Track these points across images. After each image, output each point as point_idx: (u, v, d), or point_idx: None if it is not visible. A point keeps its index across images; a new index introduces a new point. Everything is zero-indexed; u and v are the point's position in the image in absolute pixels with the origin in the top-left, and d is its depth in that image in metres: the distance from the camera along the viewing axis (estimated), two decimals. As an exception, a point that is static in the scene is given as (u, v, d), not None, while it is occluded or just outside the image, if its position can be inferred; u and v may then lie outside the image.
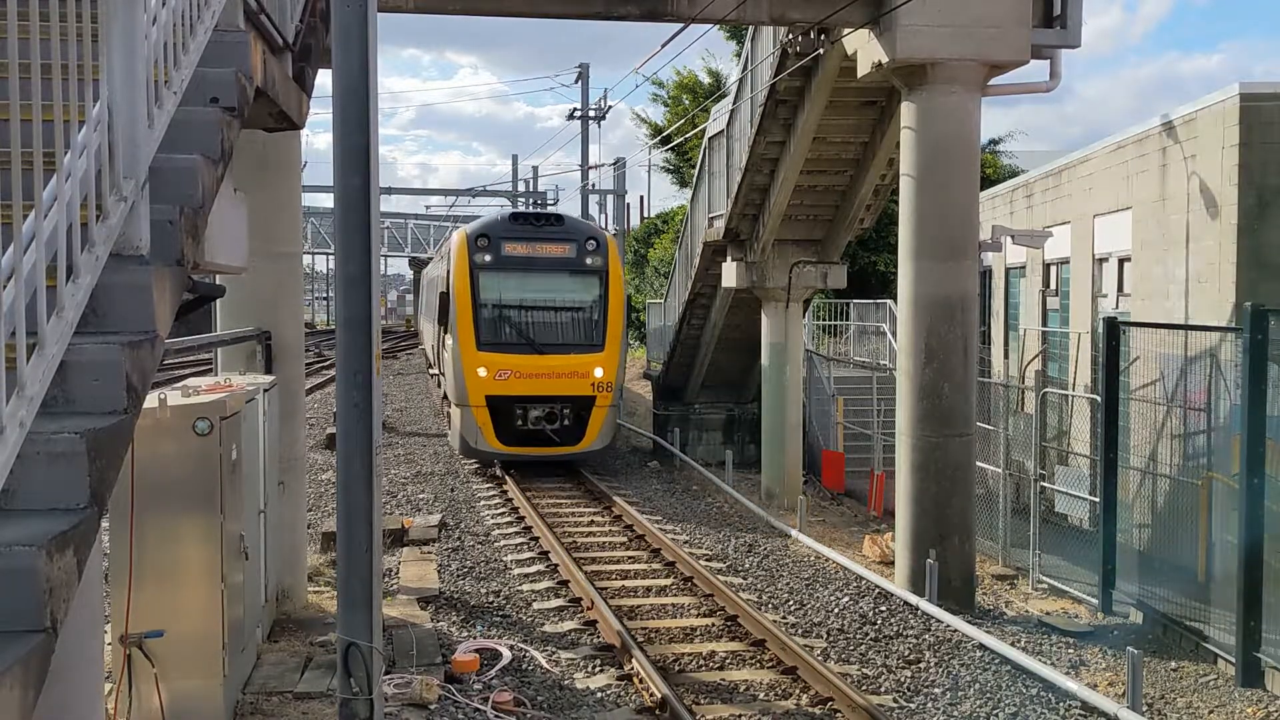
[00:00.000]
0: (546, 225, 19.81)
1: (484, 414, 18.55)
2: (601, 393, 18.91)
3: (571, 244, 19.50)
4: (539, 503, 16.62)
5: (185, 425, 7.27)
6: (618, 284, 19.64)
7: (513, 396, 18.59)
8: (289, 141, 10.27)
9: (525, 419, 18.63)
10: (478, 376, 18.54)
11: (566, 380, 18.73)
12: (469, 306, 18.83)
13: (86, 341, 3.50)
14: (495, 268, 19.05)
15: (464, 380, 18.66)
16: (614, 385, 19.02)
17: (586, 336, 19.29)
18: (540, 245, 19.34)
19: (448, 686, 8.62)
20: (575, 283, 19.52)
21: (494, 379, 18.52)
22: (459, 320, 18.84)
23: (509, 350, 18.79)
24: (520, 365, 18.65)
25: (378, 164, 6.07)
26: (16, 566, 2.79)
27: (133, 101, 3.95)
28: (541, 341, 19.03)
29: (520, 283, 19.31)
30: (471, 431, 18.72)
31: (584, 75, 37.66)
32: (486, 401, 18.53)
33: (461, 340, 18.73)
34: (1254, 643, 9.16)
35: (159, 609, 7.20)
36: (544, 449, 18.83)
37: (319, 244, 64.63)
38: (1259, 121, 12.12)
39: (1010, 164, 37.42)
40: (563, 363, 18.85)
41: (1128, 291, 15.12)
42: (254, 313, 10.35)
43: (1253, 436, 9.31)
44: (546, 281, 19.44)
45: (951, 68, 11.74)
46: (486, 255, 19.03)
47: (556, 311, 19.54)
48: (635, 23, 12.58)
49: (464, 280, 18.91)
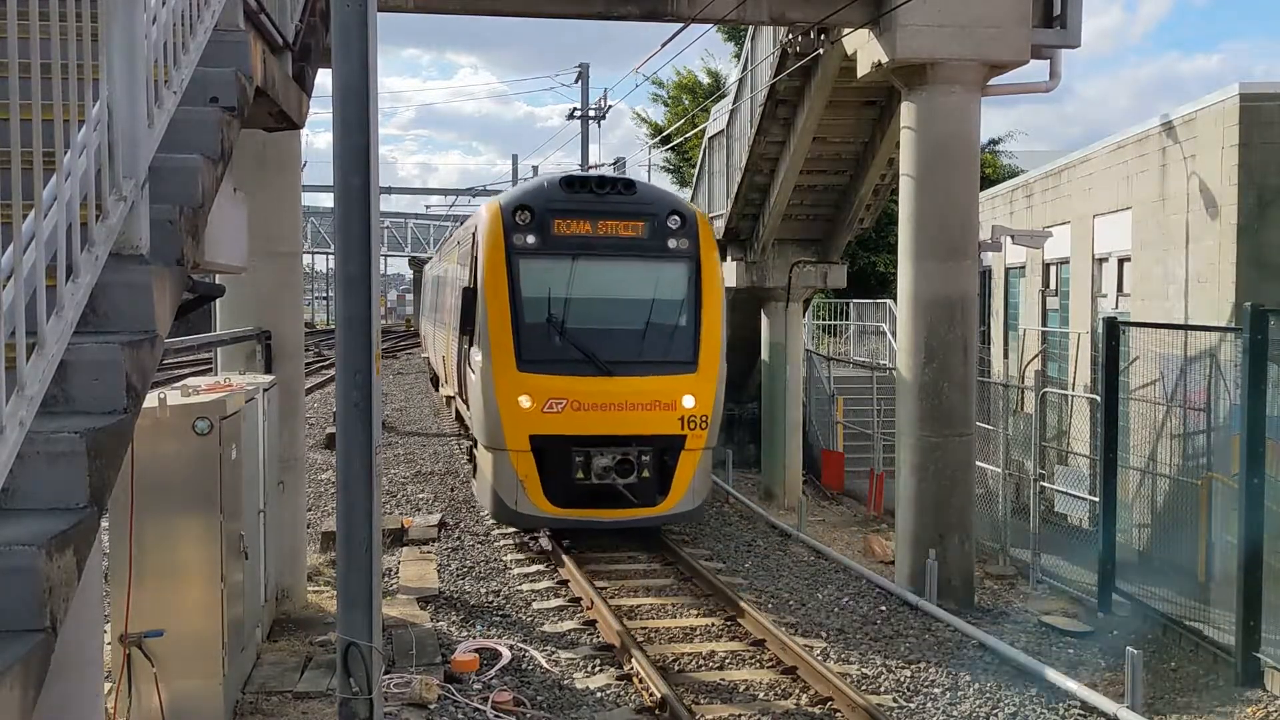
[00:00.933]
0: (612, 194, 13.80)
1: (527, 462, 12.92)
2: (694, 430, 13.21)
3: (648, 220, 13.78)
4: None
5: (185, 425, 7.27)
6: (713, 275, 13.84)
7: (569, 437, 12.90)
8: (289, 141, 10.27)
9: (587, 469, 12.92)
10: (518, 409, 12.85)
11: (645, 414, 13.05)
12: (505, 308, 13.09)
13: (86, 341, 3.50)
14: (543, 252, 13.40)
15: (498, 413, 12.95)
16: (710, 420, 13.31)
17: (673, 350, 13.44)
18: (605, 222, 13.68)
19: (447, 686, 8.62)
20: (655, 273, 13.79)
21: (542, 412, 12.84)
22: (492, 327, 13.10)
23: (563, 370, 12.98)
24: (580, 392, 12.93)
25: (378, 164, 6.07)
26: (16, 566, 2.79)
27: (133, 101, 3.95)
28: (609, 358, 13.10)
29: (578, 274, 13.54)
30: (509, 487, 13.04)
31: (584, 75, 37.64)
32: (531, 444, 12.89)
33: (495, 356, 13.01)
34: (1253, 643, 9.16)
35: (159, 608, 7.20)
36: (612, 511, 13.08)
37: (319, 244, 64.64)
38: (1259, 121, 12.12)
39: (1010, 164, 37.45)
40: (640, 388, 13.07)
41: (1127, 291, 15.13)
42: (254, 312, 10.35)
43: (1253, 436, 9.31)
44: (615, 272, 13.78)
45: (951, 68, 11.74)
46: (530, 236, 13.38)
47: (630, 315, 13.60)
48: (635, 23, 12.59)
49: (498, 271, 13.22)
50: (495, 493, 13.29)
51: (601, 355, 13.08)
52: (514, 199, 13.98)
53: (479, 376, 13.36)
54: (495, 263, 13.30)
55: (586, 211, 13.68)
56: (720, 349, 13.63)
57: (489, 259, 13.36)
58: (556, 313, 13.31)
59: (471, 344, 13.95)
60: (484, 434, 13.50)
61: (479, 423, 13.71)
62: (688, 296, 13.69)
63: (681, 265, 13.80)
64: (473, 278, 14.00)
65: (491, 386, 13.04)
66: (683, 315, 13.70)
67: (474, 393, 13.86)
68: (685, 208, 14.35)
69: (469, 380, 14.42)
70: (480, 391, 13.32)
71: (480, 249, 13.65)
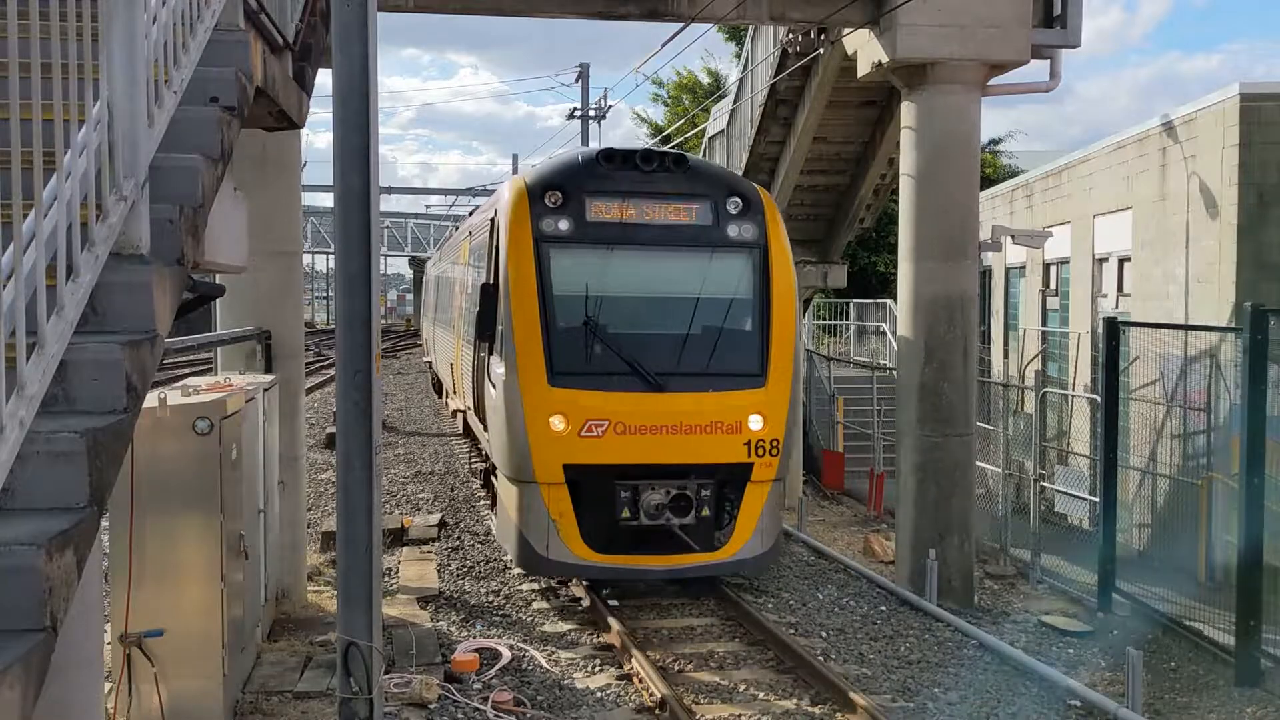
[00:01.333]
0: (660, 171, 11.47)
1: (561, 497, 10.66)
2: (762, 458, 10.96)
3: (704, 202, 11.55)
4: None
5: (185, 425, 7.27)
6: (784, 269, 11.48)
7: (612, 467, 10.64)
8: (289, 141, 10.28)
9: (635, 507, 10.71)
10: (551, 432, 10.61)
11: (704, 439, 10.80)
12: (533, 309, 10.80)
13: (86, 341, 3.51)
14: (578, 241, 11.20)
15: (525, 438, 10.66)
16: (781, 445, 11.06)
17: (736, 360, 11.18)
18: (652, 204, 11.45)
19: (447, 686, 8.62)
20: (714, 267, 11.44)
21: (578, 436, 10.61)
22: (518, 333, 10.76)
23: (605, 385, 10.80)
24: (625, 412, 10.71)
25: (378, 163, 6.07)
26: (17, 565, 2.79)
27: (133, 101, 3.95)
28: (660, 370, 10.84)
29: (621, 267, 11.38)
30: (539, 528, 10.72)
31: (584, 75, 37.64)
32: (566, 476, 10.65)
33: (522, 368, 10.71)
34: (1253, 643, 9.16)
35: (159, 608, 7.20)
36: (665, 559, 10.81)
37: (319, 244, 64.71)
38: (1259, 121, 12.13)
39: (1010, 164, 37.47)
40: (697, 407, 10.83)
41: (1128, 291, 15.13)
42: (254, 312, 10.35)
43: (1253, 436, 9.31)
44: (665, 265, 11.55)
45: (951, 68, 11.75)
46: (562, 221, 11.16)
47: (684, 317, 11.30)
48: (635, 22, 12.59)
49: (524, 264, 10.94)
50: (521, 535, 10.85)
51: (651, 367, 10.82)
52: (543, 177, 11.53)
53: (501, 392, 10.99)
54: (521, 254, 10.94)
55: (630, 192, 11.34)
56: (794, 358, 11.41)
57: (513, 249, 10.98)
58: (596, 314, 11.01)
59: (491, 352, 11.61)
60: (507, 462, 11.06)
61: (501, 448, 11.22)
62: (754, 294, 11.34)
63: (745, 256, 11.44)
64: (492, 272, 11.66)
65: (518, 405, 10.69)
66: (748, 317, 11.34)
67: (495, 411, 11.40)
68: (748, 188, 11.86)
69: (488, 396, 11.81)
70: (503, 410, 10.95)
71: (502, 237, 11.25)
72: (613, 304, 11.16)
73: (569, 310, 11.03)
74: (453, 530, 14.45)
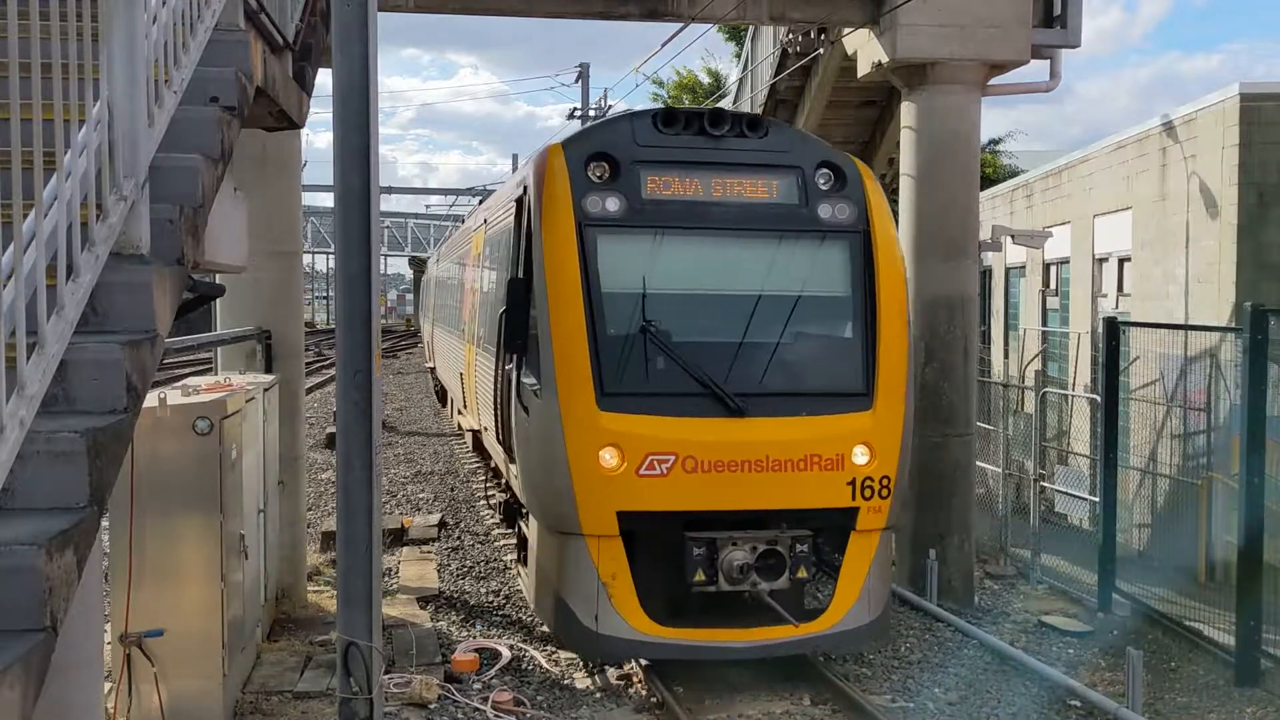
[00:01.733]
0: (733, 136, 9.28)
1: (615, 555, 8.42)
2: (870, 500, 8.72)
3: (789, 175, 9.32)
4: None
5: (185, 425, 7.27)
6: (892, 259, 9.29)
7: (681, 514, 8.45)
8: (289, 141, 10.28)
9: (711, 567, 8.38)
10: (601, 470, 8.35)
11: (797, 477, 8.55)
12: (577, 311, 8.58)
13: (87, 340, 3.51)
14: (631, 224, 8.96)
15: (568, 477, 8.43)
16: (893, 484, 8.81)
17: (836, 375, 9.09)
18: (724, 179, 9.18)
19: (447, 686, 8.62)
20: (804, 257, 9.30)
21: (637, 475, 8.37)
22: (558, 341, 8.57)
23: (669, 408, 8.57)
24: (697, 443, 8.45)
25: (378, 163, 6.08)
26: (17, 565, 2.79)
27: (133, 100, 3.95)
28: (740, 388, 8.66)
29: (688, 258, 9.25)
30: (584, 594, 8.47)
31: (584, 75, 37.65)
32: (621, 526, 8.41)
33: (564, 386, 8.50)
34: (1253, 643, 9.16)
35: (159, 608, 7.20)
36: (749, 632, 8.60)
37: (319, 243, 64.76)
38: (1259, 121, 12.12)
39: (1010, 164, 37.42)
40: (788, 436, 8.61)
41: (1128, 291, 15.13)
42: (254, 312, 10.35)
43: (1253, 436, 9.31)
44: (743, 255, 9.31)
45: (951, 68, 11.74)
46: (610, 199, 8.89)
47: (768, 322, 9.08)
48: (635, 22, 12.59)
49: (564, 254, 8.71)
50: (562, 603, 8.55)
51: (729, 385, 8.54)
52: (585, 144, 9.22)
53: (535, 416, 8.69)
54: (561, 241, 8.66)
55: (696, 163, 9.12)
56: (907, 372, 9.11)
57: (551, 235, 8.69)
58: (657, 317, 8.71)
59: (522, 365, 9.07)
60: (544, 507, 8.83)
61: (535, 489, 8.92)
62: (855, 291, 9.13)
63: (843, 243, 9.22)
64: (521, 264, 9.27)
65: (557, 434, 8.35)
66: (849, 320, 9.15)
67: (526, 441, 9.01)
68: (842, 158, 9.64)
69: (516, 419, 9.27)
70: (538, 440, 8.69)
71: (535, 221, 8.87)
72: (678, 304, 8.96)
73: (622, 312, 8.70)
74: (453, 530, 14.45)
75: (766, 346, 9.00)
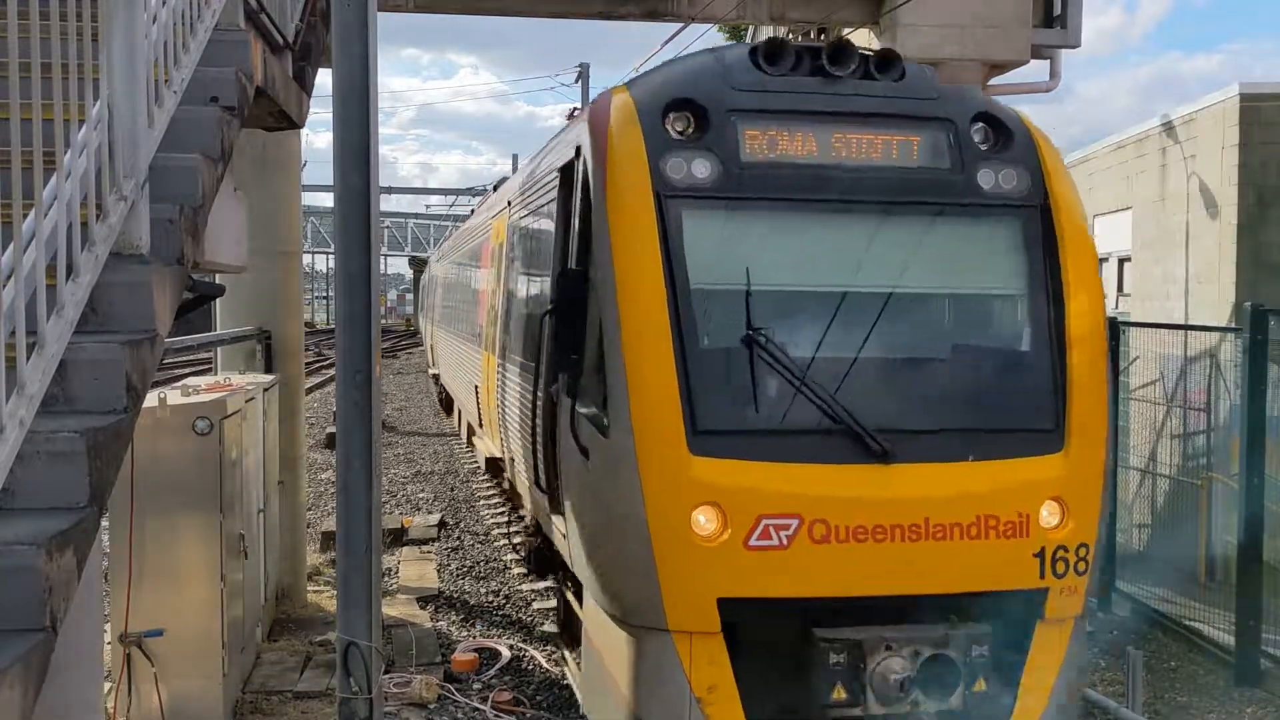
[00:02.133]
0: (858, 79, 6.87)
1: (714, 658, 5.97)
2: (1064, 578, 6.28)
3: (936, 130, 6.90)
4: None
5: (185, 424, 7.27)
6: (1082, 245, 6.86)
7: (806, 603, 6.06)
8: (289, 140, 10.28)
9: (854, 679, 5.93)
10: (693, 535, 5.91)
11: (967, 549, 6.11)
12: (659, 316, 6.13)
13: (86, 340, 3.51)
14: (729, 197, 6.54)
15: (648, 549, 5.95)
16: (1091, 553, 6.36)
17: (1012, 405, 6.60)
18: (849, 133, 6.75)
19: (447, 686, 8.62)
20: (962, 243, 6.95)
21: (745, 546, 5.92)
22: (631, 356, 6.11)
23: (789, 452, 6.11)
24: (827, 498, 6.03)
25: (378, 163, 6.07)
26: (17, 565, 2.79)
27: (133, 100, 3.95)
28: (884, 423, 6.19)
29: (805, 244, 6.78)
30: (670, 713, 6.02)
31: (584, 75, 37.66)
32: (724, 617, 5.95)
33: (640, 418, 6.02)
34: (1253, 642, 9.16)
35: (158, 608, 7.20)
36: None
37: (319, 243, 64.80)
38: (1259, 121, 12.13)
39: (1010, 164, 37.38)
40: (948, 488, 6.17)
41: (1128, 291, 15.13)
42: (254, 312, 10.35)
43: (1252, 436, 9.31)
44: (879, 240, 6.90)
45: (952, 67, 11.74)
46: (699, 162, 6.45)
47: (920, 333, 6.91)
48: (635, 22, 12.60)
49: (639, 236, 6.29)
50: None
51: (868, 417, 6.16)
52: (662, 88, 6.74)
53: (599, 461, 6.31)
54: (635, 219, 6.30)
55: (813, 115, 6.68)
56: (1105, 398, 6.77)
57: (622, 211, 6.35)
58: (769, 324, 6.32)
59: (576, 387, 6.67)
60: (609, 589, 6.47)
61: (596, 561, 6.56)
62: (1034, 288, 6.74)
63: (1015, 224, 6.81)
64: (574, 252, 6.95)
65: (632, 486, 5.99)
66: (1027, 329, 6.77)
67: (583, 493, 6.70)
68: (1004, 110, 7.18)
69: (567, 462, 6.93)
70: (602, 494, 6.38)
71: (596, 192, 6.55)
72: (796, 305, 6.59)
73: (722, 316, 6.36)
74: (453, 530, 14.45)
75: (918, 365, 6.67)
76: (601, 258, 6.43)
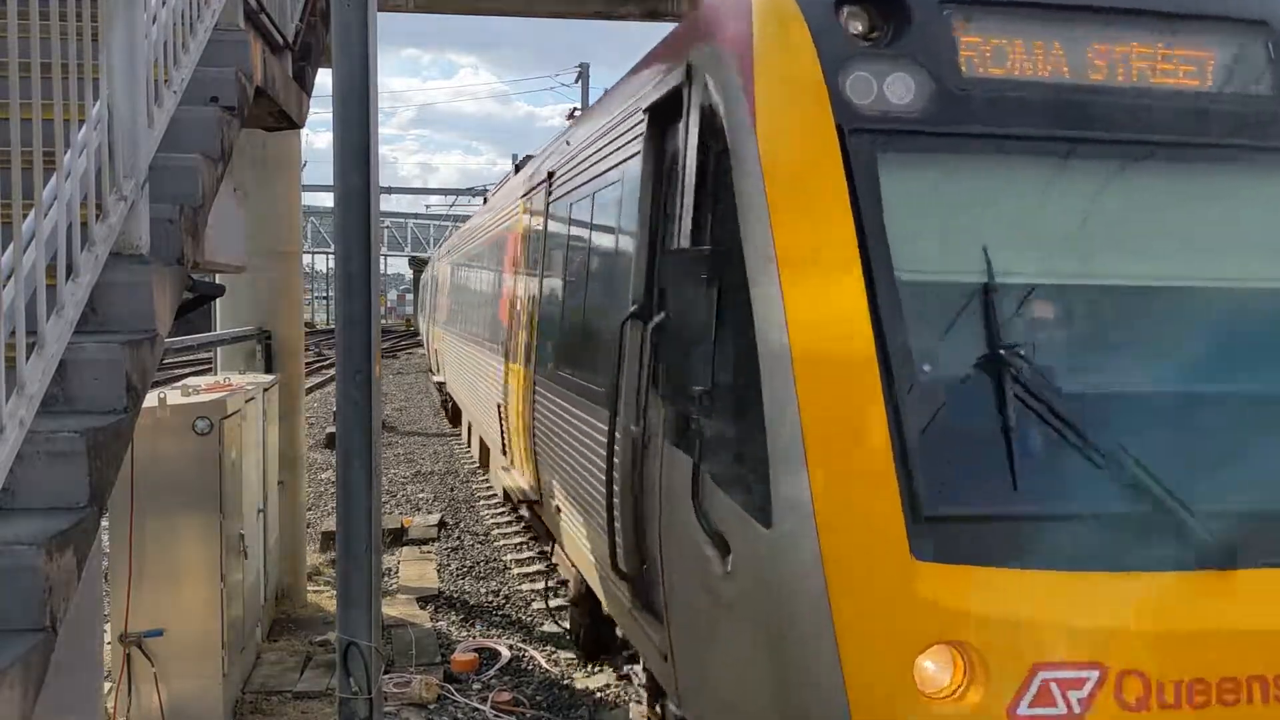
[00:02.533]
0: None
1: None
2: None
3: (1247, 38, 4.46)
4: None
5: (185, 425, 7.27)
6: None
7: None
8: (289, 141, 10.28)
9: None
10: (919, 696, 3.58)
11: None
12: (856, 334, 3.80)
13: (86, 340, 3.51)
14: (951, 133, 4.13)
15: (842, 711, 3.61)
16: None
17: None
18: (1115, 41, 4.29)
19: (447, 686, 8.62)
20: None
21: (1011, 716, 3.56)
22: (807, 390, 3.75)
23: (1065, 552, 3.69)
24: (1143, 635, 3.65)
25: (378, 163, 6.07)
26: (17, 565, 2.79)
27: (133, 100, 3.96)
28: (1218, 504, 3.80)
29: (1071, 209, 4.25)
30: None
31: (584, 75, 37.68)
32: None
33: (826, 496, 3.68)
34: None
35: (158, 608, 7.20)
36: None
37: (319, 244, 64.82)
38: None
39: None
40: None
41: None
42: (254, 312, 10.35)
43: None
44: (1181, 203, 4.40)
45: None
46: (897, 79, 4.08)
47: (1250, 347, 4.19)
48: (635, 22, 12.59)
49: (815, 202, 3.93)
50: None
51: (1197, 496, 3.85)
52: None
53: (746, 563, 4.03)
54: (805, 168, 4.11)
55: (1062, 10, 4.45)
56: None
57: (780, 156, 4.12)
58: (1039, 344, 4.12)
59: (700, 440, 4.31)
60: None
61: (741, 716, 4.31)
62: None
63: None
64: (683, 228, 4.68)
65: (817, 613, 3.70)
66: None
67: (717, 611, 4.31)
68: None
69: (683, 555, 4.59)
70: (753, 618, 4.03)
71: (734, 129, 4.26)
72: (1082, 309, 4.35)
73: (959, 329, 4.09)
74: (453, 530, 14.45)
75: (1265, 406, 4.26)
76: (747, 230, 4.09)
